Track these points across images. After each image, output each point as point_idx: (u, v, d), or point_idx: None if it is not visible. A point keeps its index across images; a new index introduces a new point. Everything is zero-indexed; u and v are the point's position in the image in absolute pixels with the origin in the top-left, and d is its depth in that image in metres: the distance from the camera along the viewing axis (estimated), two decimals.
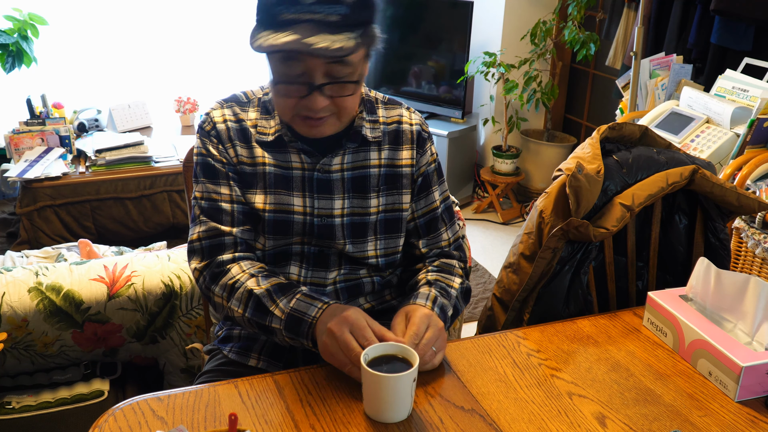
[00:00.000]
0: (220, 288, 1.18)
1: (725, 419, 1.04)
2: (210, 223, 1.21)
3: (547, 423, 1.02)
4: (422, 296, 1.20)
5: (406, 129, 1.28)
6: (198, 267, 1.21)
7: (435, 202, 1.32)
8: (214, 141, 1.22)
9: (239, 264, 1.19)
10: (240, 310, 1.16)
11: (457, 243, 1.36)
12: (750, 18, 2.62)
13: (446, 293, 1.24)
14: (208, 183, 1.22)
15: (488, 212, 3.97)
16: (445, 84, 3.90)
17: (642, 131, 1.52)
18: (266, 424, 0.99)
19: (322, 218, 1.23)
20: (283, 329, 1.12)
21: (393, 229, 1.29)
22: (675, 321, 1.21)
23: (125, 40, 3.85)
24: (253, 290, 1.15)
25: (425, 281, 1.26)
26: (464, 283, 1.31)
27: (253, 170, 1.22)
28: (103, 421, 0.99)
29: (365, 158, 1.25)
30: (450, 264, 1.32)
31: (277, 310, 1.13)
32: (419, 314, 1.12)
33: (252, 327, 1.17)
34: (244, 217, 1.22)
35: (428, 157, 1.30)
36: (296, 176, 1.22)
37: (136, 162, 3.10)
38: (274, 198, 1.22)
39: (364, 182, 1.25)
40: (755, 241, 2.03)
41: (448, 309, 1.22)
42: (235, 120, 1.23)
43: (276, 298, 1.14)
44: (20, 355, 1.69)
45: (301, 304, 1.12)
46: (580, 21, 3.49)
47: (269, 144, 1.22)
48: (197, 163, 1.24)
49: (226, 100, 1.26)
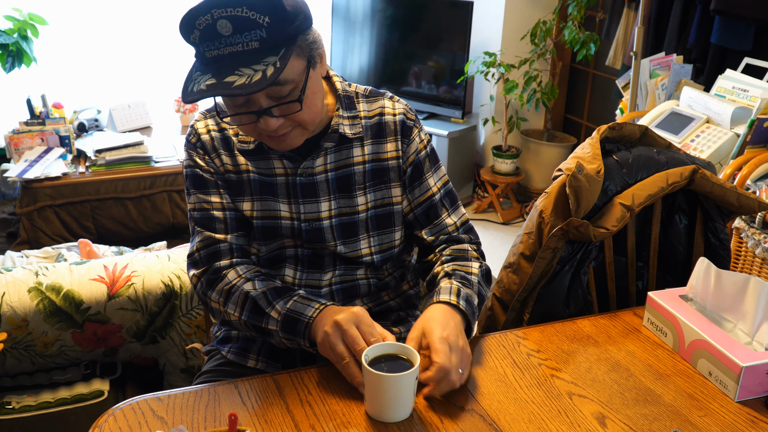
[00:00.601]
0: (216, 293, 1.18)
1: (725, 419, 1.04)
2: (205, 232, 1.21)
3: (547, 423, 1.02)
4: (445, 291, 1.16)
5: (388, 120, 1.25)
6: (196, 274, 1.22)
7: (430, 189, 1.28)
8: (200, 152, 1.22)
9: (235, 269, 1.19)
10: (236, 313, 1.16)
11: (465, 226, 1.32)
12: (750, 18, 2.62)
13: (468, 282, 1.21)
14: (199, 193, 1.22)
15: (488, 212, 3.97)
16: (445, 84, 3.90)
17: (642, 131, 1.52)
18: (266, 424, 0.99)
19: (310, 222, 1.22)
20: (279, 330, 1.12)
21: (386, 224, 1.27)
22: (675, 321, 1.21)
23: (125, 40, 3.85)
24: (249, 293, 1.15)
25: (443, 274, 1.22)
26: (482, 265, 1.27)
27: (239, 177, 1.22)
28: (103, 421, 0.99)
29: (348, 156, 1.23)
30: (462, 249, 1.28)
31: (273, 312, 1.13)
32: (436, 338, 1.06)
33: (249, 330, 1.17)
34: (238, 223, 1.22)
35: (417, 145, 1.27)
36: (280, 182, 1.21)
37: (136, 162, 3.10)
38: (260, 204, 1.22)
39: (349, 180, 1.23)
40: (755, 241, 2.03)
41: (473, 299, 1.18)
42: (217, 129, 1.23)
43: (272, 300, 1.14)
44: (20, 355, 1.69)
45: (298, 305, 1.12)
46: (580, 21, 3.49)
47: (251, 152, 1.21)
48: (187, 176, 1.24)
49: (209, 110, 1.25)
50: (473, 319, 1.16)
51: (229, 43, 1.00)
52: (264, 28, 1.00)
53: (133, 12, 3.84)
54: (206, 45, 1.01)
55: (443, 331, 1.07)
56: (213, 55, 1.01)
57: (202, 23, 1.00)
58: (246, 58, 1.01)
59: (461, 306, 1.14)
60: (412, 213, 1.30)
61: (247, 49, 1.00)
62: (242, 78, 0.99)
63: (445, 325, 1.08)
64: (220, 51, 1.01)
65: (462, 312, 1.14)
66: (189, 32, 1.02)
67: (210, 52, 1.01)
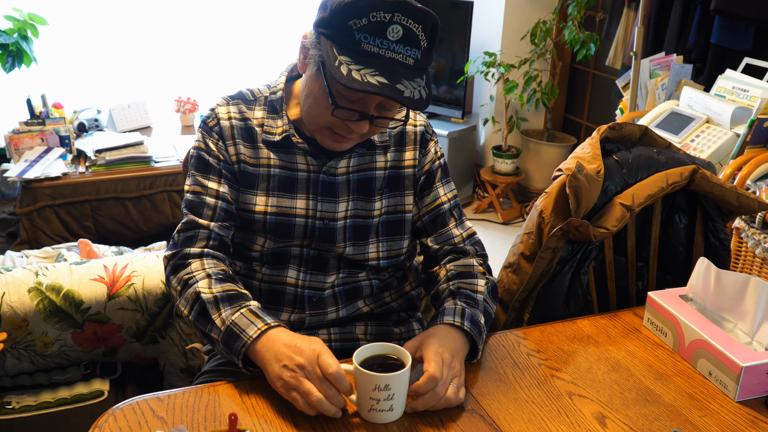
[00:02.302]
0: (176, 281, 1.16)
1: (725, 419, 1.04)
2: (189, 215, 1.20)
3: (547, 423, 1.02)
4: (449, 312, 1.14)
5: (410, 130, 1.28)
6: (167, 255, 1.20)
7: (440, 198, 1.29)
8: (215, 137, 1.21)
9: (201, 260, 1.16)
10: (186, 310, 1.13)
11: (471, 238, 1.32)
12: (750, 18, 2.62)
13: (473, 301, 1.19)
14: (198, 176, 1.21)
15: (488, 212, 3.97)
16: (445, 84, 3.90)
17: (642, 131, 1.52)
18: (266, 424, 0.99)
19: (325, 221, 1.22)
20: (220, 341, 1.08)
21: (396, 231, 1.28)
22: (675, 321, 1.21)
23: (125, 40, 3.85)
24: (200, 293, 1.11)
25: (448, 293, 1.21)
26: (489, 282, 1.26)
27: (256, 170, 1.21)
28: (103, 421, 0.99)
29: (371, 161, 1.24)
30: (468, 264, 1.27)
31: (218, 320, 1.08)
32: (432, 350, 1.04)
33: (196, 330, 1.14)
34: (225, 214, 1.20)
35: (432, 156, 1.29)
36: (301, 178, 1.21)
37: (136, 162, 3.10)
38: (276, 200, 1.21)
39: (370, 185, 1.24)
40: (755, 241, 2.03)
41: (479, 317, 1.16)
42: (240, 118, 1.22)
43: (221, 306, 1.09)
44: (20, 355, 1.69)
45: (243, 320, 1.07)
46: (580, 21, 3.49)
47: (275, 144, 1.21)
48: (192, 156, 1.23)
49: (233, 97, 1.25)
50: (480, 339, 1.14)
51: (393, 49, 1.03)
52: (421, 51, 1.05)
53: (133, 12, 3.84)
54: (367, 38, 1.03)
55: (440, 347, 1.06)
56: (370, 50, 1.03)
57: (377, 17, 1.01)
58: (404, 71, 1.04)
59: (466, 327, 1.12)
60: (419, 220, 1.30)
61: (405, 62, 1.05)
62: (407, 91, 1.04)
63: (444, 343, 1.07)
64: (381, 51, 1.03)
65: (467, 333, 1.13)
66: (355, 17, 1.02)
67: (368, 46, 1.03)
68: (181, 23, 3.96)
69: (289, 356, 1.00)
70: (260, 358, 1.04)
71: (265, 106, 1.23)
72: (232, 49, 4.07)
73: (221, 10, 4.04)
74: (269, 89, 1.25)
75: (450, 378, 1.03)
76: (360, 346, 1.04)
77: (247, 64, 4.08)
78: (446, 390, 1.02)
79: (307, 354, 1.00)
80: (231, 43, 4.06)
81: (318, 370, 0.98)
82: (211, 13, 4.02)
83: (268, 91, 1.25)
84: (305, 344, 1.01)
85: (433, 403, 1.01)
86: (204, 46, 4.05)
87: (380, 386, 0.96)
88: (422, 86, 1.06)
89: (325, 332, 1.26)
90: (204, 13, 4.01)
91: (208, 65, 4.10)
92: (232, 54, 4.09)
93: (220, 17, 4.04)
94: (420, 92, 1.05)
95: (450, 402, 1.02)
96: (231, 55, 4.09)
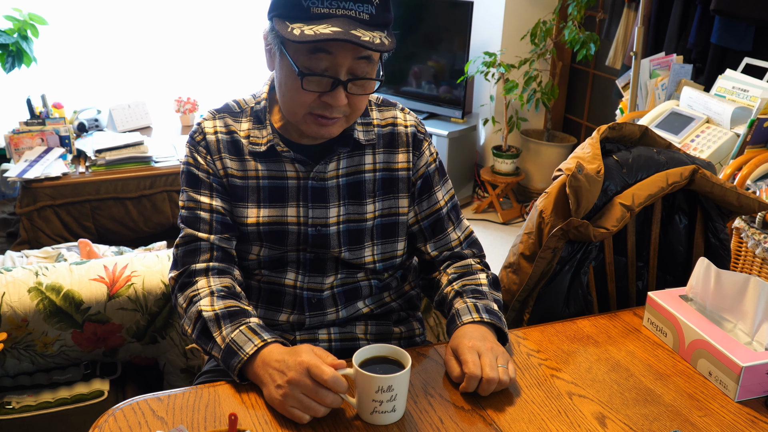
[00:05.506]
0: (183, 298, 1.17)
1: (725, 419, 1.04)
2: (187, 229, 1.20)
3: (547, 423, 1.02)
4: (463, 312, 1.17)
5: (401, 131, 1.26)
6: (173, 276, 1.20)
7: (439, 202, 1.29)
8: (202, 152, 1.21)
9: (207, 278, 1.17)
10: (189, 329, 1.14)
11: (469, 240, 1.33)
12: (750, 18, 2.62)
13: (480, 294, 1.22)
14: (190, 191, 1.21)
15: (488, 212, 3.97)
16: (445, 84, 3.90)
17: (642, 131, 1.52)
18: (266, 424, 0.99)
19: (317, 228, 1.21)
20: (221, 359, 1.09)
21: (390, 233, 1.27)
22: (675, 321, 1.21)
23: (125, 40, 3.85)
24: (202, 311, 1.12)
25: (454, 293, 1.23)
26: (489, 275, 1.28)
27: (245, 183, 1.21)
28: (103, 421, 0.99)
29: (360, 162, 1.23)
30: (466, 265, 1.30)
31: (219, 338, 1.09)
32: (464, 348, 1.08)
33: (199, 348, 1.15)
34: (222, 226, 1.21)
35: (426, 158, 1.28)
36: (291, 186, 1.21)
37: (136, 162, 3.10)
38: (267, 211, 1.21)
39: (360, 188, 1.23)
40: (755, 241, 2.03)
41: (492, 306, 1.19)
42: (226, 132, 1.22)
43: (222, 324, 1.10)
44: (20, 355, 1.69)
45: (241, 337, 1.07)
46: (580, 21, 3.49)
47: (262, 154, 1.20)
48: (183, 172, 1.23)
49: (219, 110, 1.24)
50: (502, 324, 1.16)
51: (345, 7, 1.03)
52: (374, 6, 1.05)
53: (133, 12, 3.84)
54: (315, 2, 1.03)
55: (470, 341, 1.09)
56: (321, 12, 1.03)
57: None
58: (359, 24, 1.04)
59: (486, 319, 1.15)
60: (417, 225, 1.30)
61: (359, 18, 1.04)
62: (365, 37, 1.02)
63: (472, 336, 1.10)
64: (332, 11, 1.03)
65: (488, 324, 1.15)
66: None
67: (318, 9, 1.03)
68: (181, 23, 3.96)
69: (280, 373, 1.01)
70: (257, 379, 1.05)
71: (251, 117, 1.23)
72: (233, 49, 4.07)
73: (221, 10, 4.04)
74: (254, 99, 1.25)
75: (493, 359, 1.06)
76: (360, 346, 1.04)
77: (247, 65, 4.08)
78: (496, 373, 1.04)
79: (294, 368, 0.99)
80: (231, 43, 4.06)
81: (308, 380, 0.98)
82: (211, 13, 4.03)
83: (254, 101, 1.24)
84: (292, 359, 1.01)
85: (492, 389, 1.05)
86: (204, 46, 4.05)
87: (383, 388, 0.96)
88: (384, 36, 1.06)
89: (325, 333, 1.26)
90: (204, 13, 4.01)
91: (208, 65, 4.10)
92: (233, 54, 4.09)
93: (220, 17, 4.04)
94: (381, 39, 1.05)
95: (504, 383, 1.05)
96: (231, 55, 4.10)
